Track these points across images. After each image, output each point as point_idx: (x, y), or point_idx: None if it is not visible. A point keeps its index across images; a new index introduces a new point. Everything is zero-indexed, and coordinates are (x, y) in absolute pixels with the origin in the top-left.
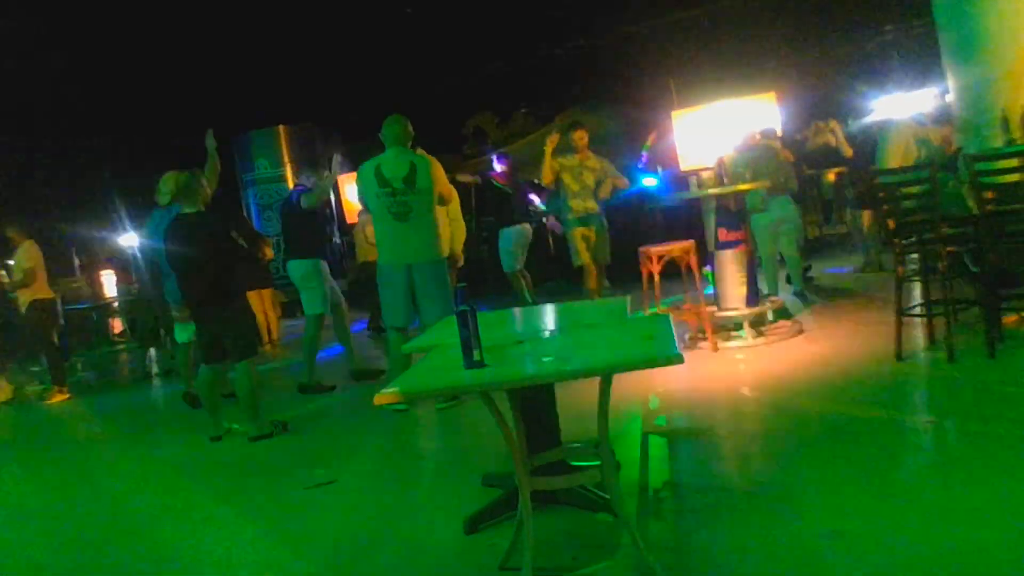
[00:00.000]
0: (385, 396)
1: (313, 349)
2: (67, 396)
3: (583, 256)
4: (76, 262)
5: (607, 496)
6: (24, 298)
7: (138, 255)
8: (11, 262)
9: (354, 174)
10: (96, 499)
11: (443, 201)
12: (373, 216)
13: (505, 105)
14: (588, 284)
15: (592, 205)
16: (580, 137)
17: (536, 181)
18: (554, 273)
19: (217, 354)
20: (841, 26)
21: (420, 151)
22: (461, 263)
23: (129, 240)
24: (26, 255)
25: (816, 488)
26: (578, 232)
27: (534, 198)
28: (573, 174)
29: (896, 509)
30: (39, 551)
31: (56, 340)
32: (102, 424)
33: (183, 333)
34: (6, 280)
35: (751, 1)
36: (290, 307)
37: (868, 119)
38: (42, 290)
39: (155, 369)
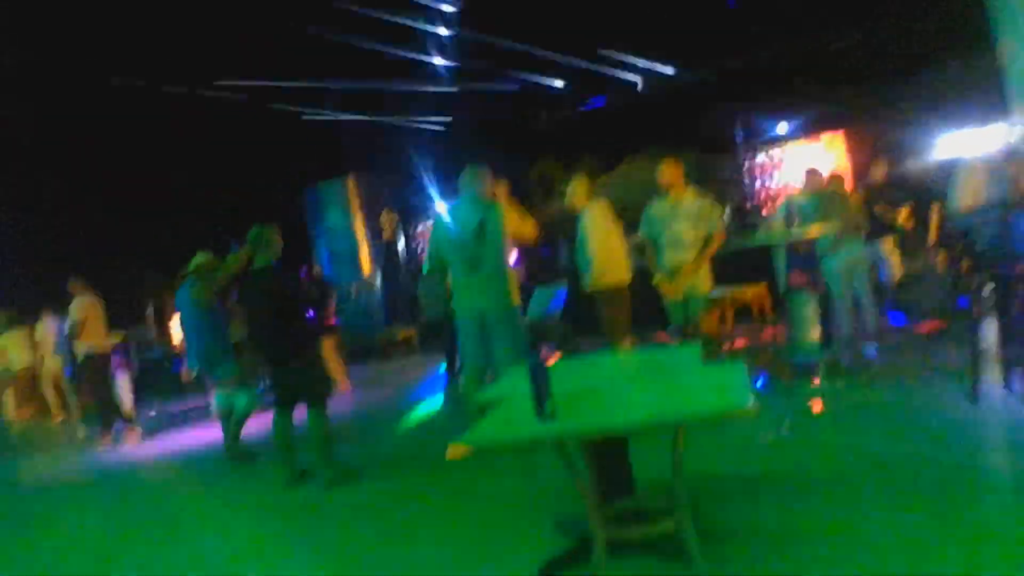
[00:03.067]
0: (457, 449)
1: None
2: (131, 437)
3: (676, 316)
4: (150, 309)
5: (682, 543)
6: (79, 349)
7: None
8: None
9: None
10: (172, 544)
11: (522, 237)
12: (450, 265)
13: (569, 152)
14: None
15: (685, 259)
16: (664, 171)
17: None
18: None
19: (290, 399)
20: (906, 63)
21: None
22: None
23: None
24: (78, 307)
25: (891, 532)
26: (666, 286)
27: None
28: (662, 223)
29: (973, 554)
30: None
31: (110, 393)
32: (177, 471)
33: (221, 400)
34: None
35: (816, 43)
36: (360, 353)
37: (935, 157)
38: (95, 343)
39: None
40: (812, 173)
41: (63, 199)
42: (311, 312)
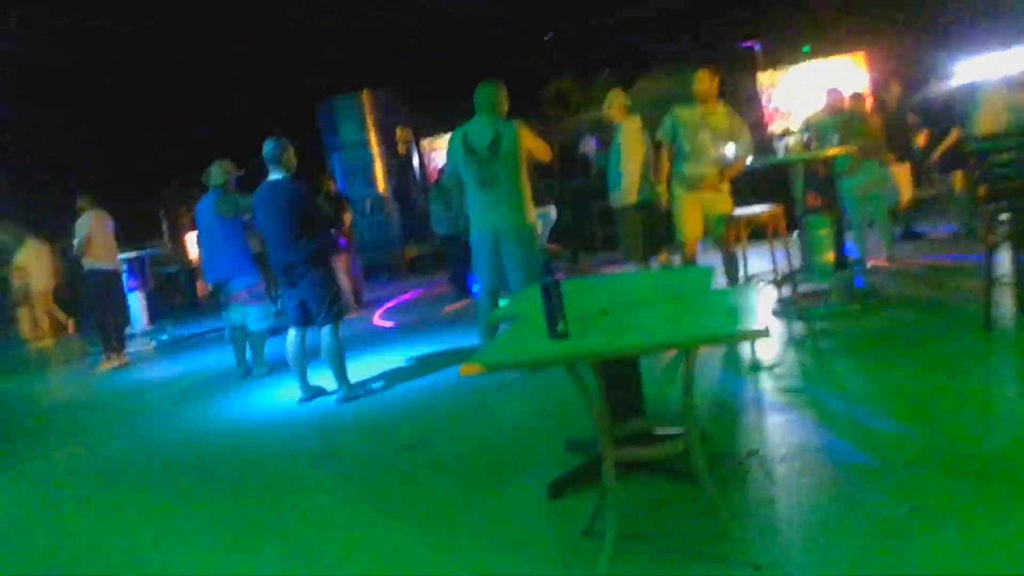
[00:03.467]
0: (470, 367)
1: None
2: (124, 361)
3: (685, 230)
4: (164, 225)
5: (691, 465)
6: (85, 267)
7: None
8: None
9: (437, 138)
10: (185, 461)
11: (537, 160)
12: (464, 183)
13: (587, 68)
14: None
15: (707, 172)
16: (701, 80)
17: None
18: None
19: (303, 317)
20: None
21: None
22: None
23: None
24: (83, 224)
25: (900, 460)
26: (684, 199)
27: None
28: (687, 131)
29: (982, 485)
30: (125, 513)
31: (117, 312)
32: (192, 385)
33: (235, 314)
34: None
35: None
36: (371, 270)
37: (954, 82)
38: (99, 260)
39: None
40: (833, 92)
41: (74, 117)
42: (326, 229)
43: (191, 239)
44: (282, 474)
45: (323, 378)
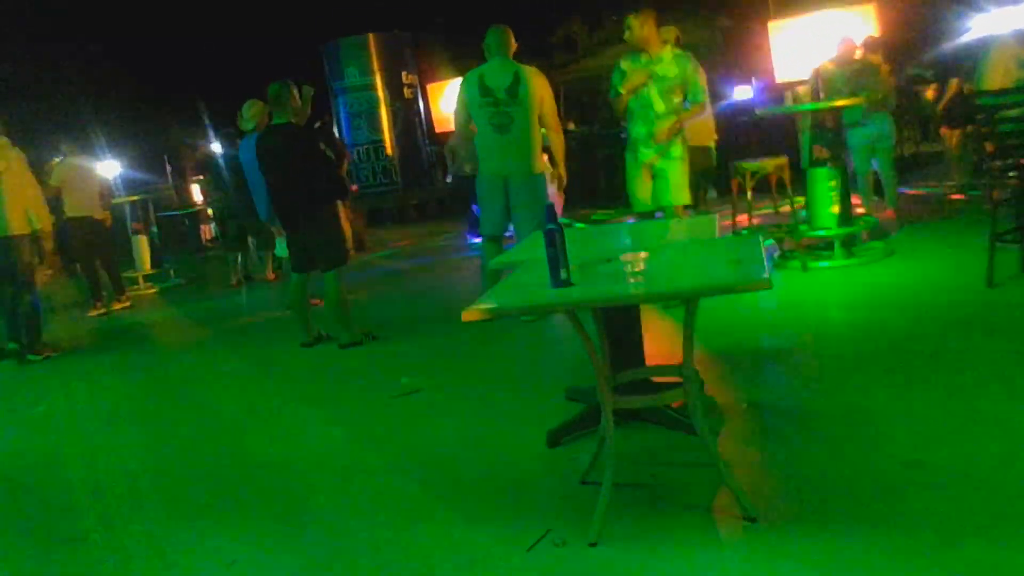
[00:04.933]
0: (472, 312)
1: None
2: (125, 305)
3: (640, 201)
4: (168, 169)
5: (689, 415)
6: (66, 214)
7: (221, 167)
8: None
9: (442, 83)
10: (187, 404)
11: (545, 122)
12: (477, 127)
13: (595, 12)
14: None
15: (656, 129)
16: (631, 27)
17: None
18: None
19: (306, 263)
20: None
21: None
22: (564, 183)
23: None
24: (55, 174)
25: (900, 414)
26: (632, 168)
27: None
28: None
29: (980, 440)
30: (129, 456)
31: (103, 261)
32: (194, 330)
33: (282, 248)
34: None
35: None
36: (377, 215)
37: (965, 38)
38: (75, 209)
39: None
40: (845, 42)
41: (77, 61)
42: (329, 173)
43: (195, 182)
44: (282, 421)
45: (326, 323)
